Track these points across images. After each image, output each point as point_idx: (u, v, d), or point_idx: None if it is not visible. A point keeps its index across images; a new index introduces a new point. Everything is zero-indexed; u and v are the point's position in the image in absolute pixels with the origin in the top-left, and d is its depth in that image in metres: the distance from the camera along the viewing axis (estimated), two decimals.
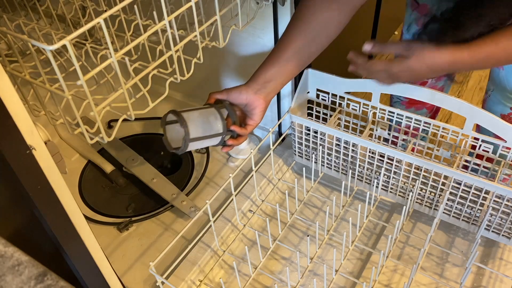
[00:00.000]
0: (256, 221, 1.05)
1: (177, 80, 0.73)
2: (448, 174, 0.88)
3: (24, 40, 0.57)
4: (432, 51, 0.68)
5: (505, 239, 0.91)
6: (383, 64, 0.74)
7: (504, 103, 0.96)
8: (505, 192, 0.83)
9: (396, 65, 0.72)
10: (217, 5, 0.74)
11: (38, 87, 0.66)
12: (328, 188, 1.12)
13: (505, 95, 0.96)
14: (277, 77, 0.81)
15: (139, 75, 0.67)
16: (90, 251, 0.64)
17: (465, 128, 0.89)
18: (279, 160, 1.15)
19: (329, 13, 0.77)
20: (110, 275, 0.71)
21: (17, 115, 0.47)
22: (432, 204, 0.98)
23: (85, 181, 1.18)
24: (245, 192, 1.07)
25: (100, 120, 0.62)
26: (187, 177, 1.17)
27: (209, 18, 0.76)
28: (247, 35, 1.06)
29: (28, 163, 0.50)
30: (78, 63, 0.56)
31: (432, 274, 0.93)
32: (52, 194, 0.55)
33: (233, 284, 0.94)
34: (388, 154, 0.94)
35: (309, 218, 1.05)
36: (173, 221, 1.07)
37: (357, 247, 0.98)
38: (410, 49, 0.69)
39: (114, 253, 1.01)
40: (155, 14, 0.70)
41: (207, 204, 0.87)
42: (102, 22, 0.55)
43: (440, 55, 0.68)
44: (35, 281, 0.43)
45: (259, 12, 0.93)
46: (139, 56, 0.79)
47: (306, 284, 0.92)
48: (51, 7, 0.89)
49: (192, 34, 0.72)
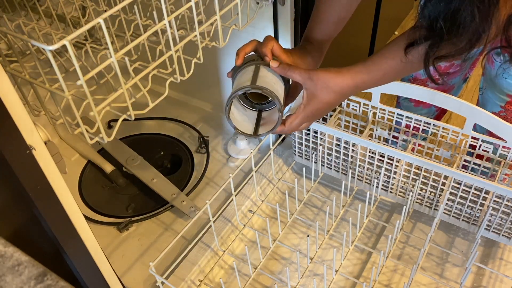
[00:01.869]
0: (256, 221, 1.05)
1: (177, 80, 0.73)
2: (448, 174, 0.88)
3: (24, 40, 0.57)
4: (334, 77, 0.67)
5: (505, 239, 0.91)
6: (299, 119, 0.72)
7: (495, 101, 0.96)
8: (505, 192, 0.83)
9: (309, 108, 0.70)
10: (217, 5, 0.74)
11: (38, 87, 0.66)
12: (328, 188, 1.12)
13: (496, 94, 0.96)
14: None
15: (139, 75, 0.67)
16: (90, 251, 0.64)
17: (465, 128, 0.90)
18: (279, 160, 1.15)
19: None
20: (110, 275, 0.71)
21: (17, 115, 0.47)
22: (432, 204, 0.98)
23: (85, 181, 1.18)
24: (245, 192, 1.07)
25: (100, 120, 0.62)
26: (187, 177, 1.17)
27: (209, 18, 0.76)
28: (247, 35, 1.06)
29: (28, 163, 0.50)
30: (78, 63, 0.56)
31: (432, 274, 0.93)
32: (52, 194, 0.55)
33: (233, 284, 0.94)
34: (388, 154, 0.94)
35: (309, 218, 1.05)
36: (173, 221, 1.07)
37: (357, 247, 0.98)
38: (310, 79, 0.68)
39: (114, 253, 1.01)
40: (155, 14, 0.70)
41: (207, 204, 0.87)
42: (102, 22, 0.55)
43: (342, 80, 0.67)
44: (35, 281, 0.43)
45: (259, 12, 0.93)
46: (139, 56, 0.79)
47: (306, 284, 0.92)
48: (51, 7, 0.89)
49: (192, 34, 0.72)
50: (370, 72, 0.67)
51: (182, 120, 1.33)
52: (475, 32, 0.53)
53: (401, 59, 0.64)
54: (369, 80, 0.68)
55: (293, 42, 1.00)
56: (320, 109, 0.70)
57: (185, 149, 1.25)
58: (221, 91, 1.30)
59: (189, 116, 1.34)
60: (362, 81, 0.68)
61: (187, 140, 1.28)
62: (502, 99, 0.94)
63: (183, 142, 1.27)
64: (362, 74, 0.68)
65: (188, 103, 1.38)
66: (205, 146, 1.24)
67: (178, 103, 1.38)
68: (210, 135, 1.27)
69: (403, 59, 0.63)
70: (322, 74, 0.68)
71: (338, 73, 0.68)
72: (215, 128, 1.31)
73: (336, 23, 0.78)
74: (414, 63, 0.63)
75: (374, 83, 0.69)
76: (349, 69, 0.69)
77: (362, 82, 0.68)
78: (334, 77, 0.68)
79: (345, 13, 0.77)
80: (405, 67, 0.66)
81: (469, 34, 0.53)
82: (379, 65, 0.67)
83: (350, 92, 0.70)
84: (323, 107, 0.70)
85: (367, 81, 0.68)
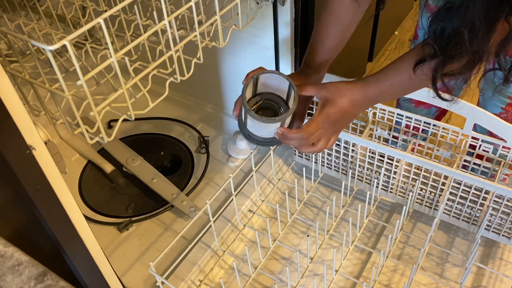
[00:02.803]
0: (256, 221, 1.05)
1: (177, 80, 0.73)
2: (448, 174, 0.88)
3: (24, 40, 0.57)
4: (346, 84, 0.69)
5: (505, 239, 0.91)
6: (315, 123, 0.71)
7: (496, 103, 0.96)
8: (505, 192, 0.83)
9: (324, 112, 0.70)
10: (217, 5, 0.74)
11: (38, 87, 0.66)
12: (328, 188, 1.12)
13: (497, 95, 0.96)
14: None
15: (139, 75, 0.67)
16: (90, 251, 0.64)
17: (465, 128, 0.90)
18: (279, 160, 1.15)
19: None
20: (110, 275, 0.71)
21: (17, 115, 0.47)
22: (432, 204, 0.98)
23: (85, 181, 1.18)
24: (245, 192, 1.07)
25: (100, 120, 0.62)
26: (187, 177, 1.17)
27: (209, 18, 0.76)
28: (247, 35, 1.06)
29: (28, 163, 0.50)
30: (78, 63, 0.56)
31: (432, 274, 0.93)
32: (52, 194, 0.55)
33: (233, 284, 0.94)
34: (388, 154, 0.94)
35: (309, 218, 1.05)
36: (173, 221, 1.07)
37: (357, 247, 0.98)
38: (323, 88, 0.70)
39: (114, 253, 1.01)
40: (155, 14, 0.70)
41: (207, 204, 0.87)
42: (102, 22, 0.55)
43: (354, 87, 0.69)
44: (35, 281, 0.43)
45: (259, 12, 0.93)
46: (139, 56, 0.79)
47: (306, 284, 0.92)
48: (51, 7, 0.89)
49: (192, 34, 0.72)
50: (378, 83, 0.69)
51: (182, 120, 1.33)
52: (475, 52, 0.54)
53: (410, 75, 0.65)
54: (378, 91, 0.70)
55: (293, 42, 1.00)
56: (336, 113, 0.70)
57: (185, 149, 1.25)
58: (221, 91, 1.30)
59: (189, 116, 1.34)
60: (371, 91, 0.70)
61: (187, 140, 1.28)
62: (503, 101, 0.94)
63: (183, 142, 1.27)
64: (371, 84, 0.70)
65: (188, 103, 1.38)
66: (205, 146, 1.24)
67: (178, 103, 1.38)
68: (210, 135, 1.27)
69: (412, 75, 0.65)
70: (334, 83, 0.71)
71: (349, 82, 0.71)
72: (215, 128, 1.31)
73: (334, 48, 0.80)
74: (422, 79, 0.64)
75: (383, 94, 0.71)
76: (360, 80, 0.71)
77: (371, 92, 0.70)
78: (345, 85, 0.70)
79: (342, 37, 0.80)
80: (413, 83, 0.67)
81: (470, 53, 0.55)
82: (388, 76, 0.69)
83: (363, 102, 0.71)
84: (337, 111, 0.70)
85: (376, 92, 0.70)
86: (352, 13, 0.78)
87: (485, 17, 0.51)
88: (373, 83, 0.69)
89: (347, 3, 0.76)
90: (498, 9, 0.50)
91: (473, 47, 0.54)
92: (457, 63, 0.57)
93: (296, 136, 0.71)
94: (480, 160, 0.93)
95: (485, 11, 0.50)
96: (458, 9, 0.52)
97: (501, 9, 0.50)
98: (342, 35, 0.80)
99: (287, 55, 1.03)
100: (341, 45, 0.81)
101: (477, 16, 0.51)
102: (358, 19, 0.80)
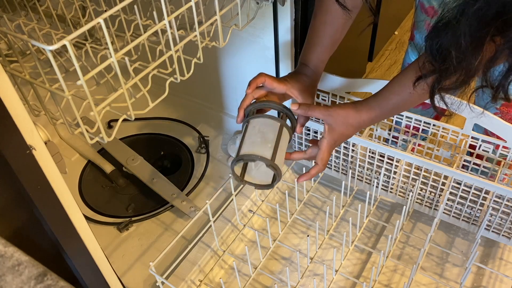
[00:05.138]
0: (256, 221, 1.05)
1: (177, 80, 0.73)
2: (448, 174, 0.88)
3: (24, 40, 0.57)
4: (353, 114, 0.75)
5: (505, 239, 0.91)
6: (326, 152, 0.77)
7: (491, 103, 0.96)
8: (505, 192, 0.83)
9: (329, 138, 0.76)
10: (217, 5, 0.74)
11: (38, 87, 0.66)
12: (328, 188, 1.12)
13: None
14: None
15: (139, 75, 0.67)
16: (90, 251, 0.64)
17: (465, 128, 0.89)
18: None
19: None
20: (110, 275, 0.71)
21: (17, 115, 0.47)
22: (432, 204, 0.98)
23: (85, 181, 1.18)
24: (245, 192, 1.07)
25: (100, 120, 0.62)
26: (187, 177, 1.17)
27: (209, 18, 0.76)
28: (247, 35, 1.06)
29: (28, 163, 0.50)
30: (78, 63, 0.56)
31: (432, 274, 0.93)
32: (52, 194, 0.55)
33: (233, 284, 0.94)
34: (388, 154, 0.94)
35: (309, 218, 1.05)
36: (173, 221, 1.07)
37: (357, 247, 0.98)
38: (331, 116, 0.75)
39: (114, 253, 1.01)
40: (155, 14, 0.70)
41: (207, 204, 0.87)
42: (102, 22, 0.55)
43: (360, 116, 0.75)
44: (35, 281, 0.43)
45: (259, 12, 0.93)
46: (139, 56, 0.79)
47: (306, 284, 0.92)
48: (51, 7, 0.89)
49: (192, 34, 0.72)
50: (382, 108, 0.75)
51: (182, 120, 1.33)
52: (465, 68, 0.56)
53: (410, 92, 0.69)
54: (381, 114, 0.76)
55: (293, 42, 1.00)
56: (341, 138, 0.77)
57: (185, 149, 1.25)
58: (221, 91, 1.30)
59: (189, 116, 1.34)
60: (375, 116, 0.76)
61: (187, 140, 1.28)
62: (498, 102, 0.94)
63: (183, 142, 1.27)
64: (375, 110, 0.75)
65: (188, 103, 1.38)
66: (205, 146, 1.24)
67: (178, 103, 1.38)
68: (210, 135, 1.27)
69: (411, 91, 0.68)
70: (341, 111, 0.75)
71: (355, 110, 0.75)
72: (215, 128, 1.31)
73: (330, 46, 0.83)
74: (421, 94, 0.67)
75: (386, 116, 0.78)
76: (364, 105, 0.75)
77: (375, 116, 0.76)
78: (352, 114, 0.75)
79: (339, 35, 0.82)
80: (414, 98, 0.72)
81: (461, 70, 0.57)
82: (389, 99, 0.74)
83: (366, 125, 0.78)
84: (341, 138, 0.77)
85: (380, 115, 0.76)
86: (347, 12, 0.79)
87: (471, 37, 0.52)
88: (377, 108, 0.75)
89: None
90: (483, 29, 0.51)
91: (461, 65, 0.56)
92: (449, 80, 0.60)
93: (316, 172, 0.79)
94: (480, 160, 0.93)
95: (471, 31, 0.52)
96: (446, 27, 0.54)
97: (486, 29, 0.51)
98: (339, 33, 0.82)
99: (287, 55, 1.03)
100: (338, 43, 0.84)
101: (463, 36, 0.52)
102: (353, 15, 0.82)
